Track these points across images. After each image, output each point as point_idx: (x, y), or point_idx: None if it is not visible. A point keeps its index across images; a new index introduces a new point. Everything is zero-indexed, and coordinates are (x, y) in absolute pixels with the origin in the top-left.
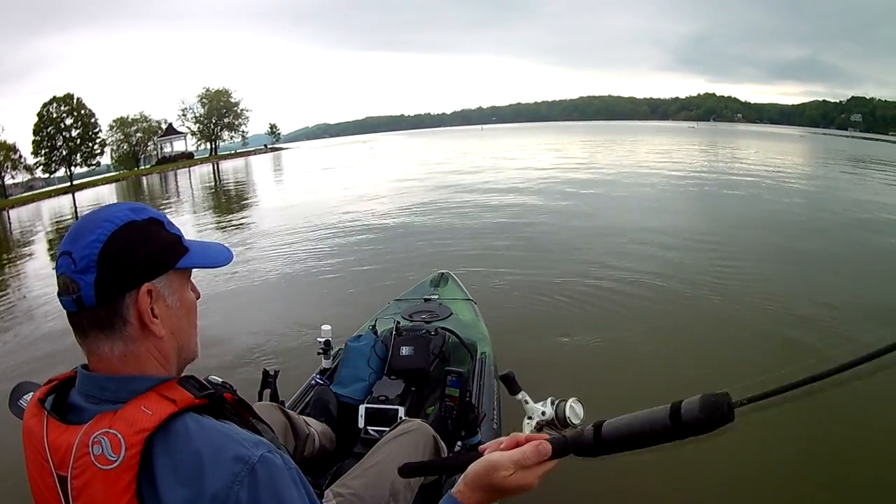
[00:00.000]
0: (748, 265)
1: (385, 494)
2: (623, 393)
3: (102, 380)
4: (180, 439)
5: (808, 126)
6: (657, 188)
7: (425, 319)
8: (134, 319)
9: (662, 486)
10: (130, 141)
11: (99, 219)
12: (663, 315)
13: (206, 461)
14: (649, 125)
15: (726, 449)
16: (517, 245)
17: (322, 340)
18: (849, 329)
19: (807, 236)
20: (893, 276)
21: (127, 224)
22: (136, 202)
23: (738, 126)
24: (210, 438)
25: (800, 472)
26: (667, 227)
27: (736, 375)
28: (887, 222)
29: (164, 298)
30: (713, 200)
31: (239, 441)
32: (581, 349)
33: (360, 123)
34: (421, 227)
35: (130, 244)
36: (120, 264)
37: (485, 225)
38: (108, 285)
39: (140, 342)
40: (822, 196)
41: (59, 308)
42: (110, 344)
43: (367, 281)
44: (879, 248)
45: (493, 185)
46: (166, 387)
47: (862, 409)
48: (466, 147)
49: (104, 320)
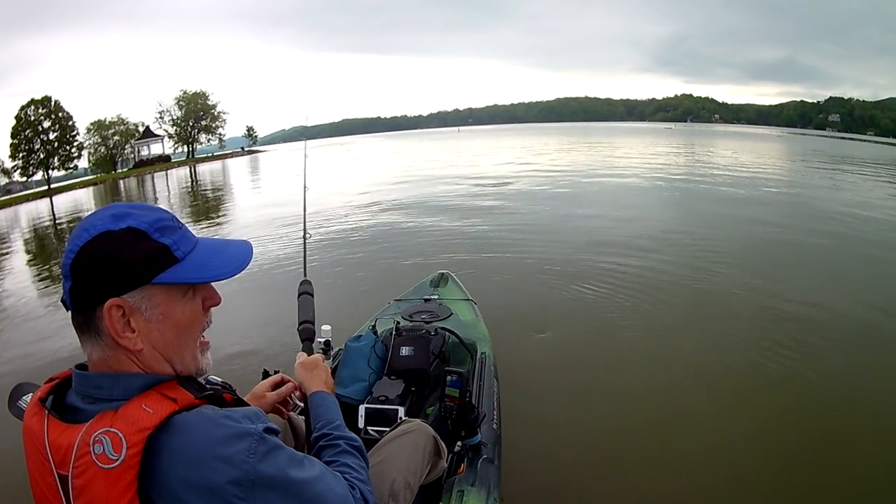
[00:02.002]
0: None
1: (384, 495)
2: (623, 392)
3: (97, 378)
4: (184, 433)
5: (786, 126)
6: (643, 187)
7: (425, 320)
8: (106, 331)
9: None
10: (108, 144)
11: (81, 226)
12: (664, 308)
13: (212, 448)
14: (626, 126)
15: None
16: (514, 243)
17: (322, 340)
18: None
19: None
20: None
21: (101, 234)
22: (130, 205)
23: (715, 127)
24: (208, 425)
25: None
26: (670, 226)
27: (736, 377)
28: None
29: (140, 312)
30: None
31: (237, 419)
32: (581, 349)
33: (337, 126)
34: (419, 227)
35: (99, 257)
36: (89, 276)
37: (482, 225)
38: (79, 295)
39: (116, 351)
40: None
41: (34, 310)
42: (90, 347)
43: (367, 281)
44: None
45: (483, 186)
46: (167, 386)
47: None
48: (446, 148)
49: (84, 326)
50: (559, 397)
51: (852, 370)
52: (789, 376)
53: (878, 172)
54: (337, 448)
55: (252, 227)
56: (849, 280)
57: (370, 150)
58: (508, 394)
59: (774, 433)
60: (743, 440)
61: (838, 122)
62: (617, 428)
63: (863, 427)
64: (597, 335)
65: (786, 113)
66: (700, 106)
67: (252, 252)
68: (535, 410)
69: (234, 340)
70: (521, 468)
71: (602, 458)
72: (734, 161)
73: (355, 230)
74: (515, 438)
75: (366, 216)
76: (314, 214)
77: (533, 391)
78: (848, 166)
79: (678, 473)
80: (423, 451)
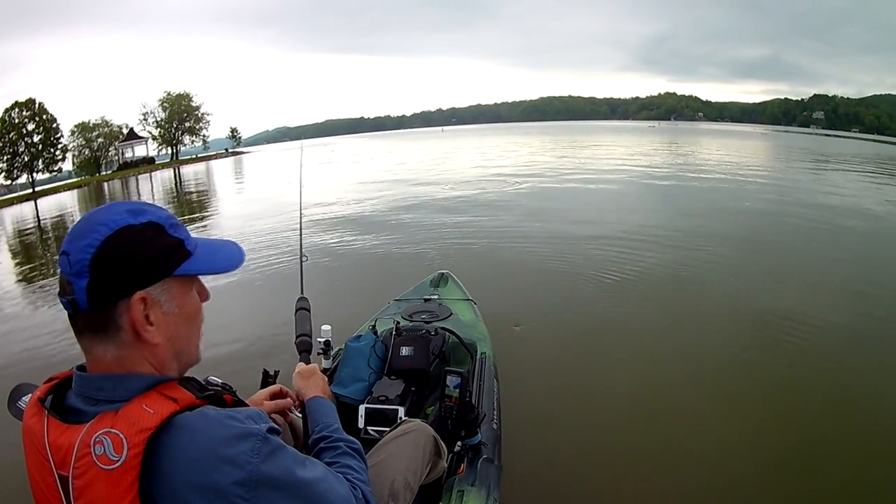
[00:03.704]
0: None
1: (384, 495)
2: (623, 392)
3: (99, 380)
4: (186, 434)
5: (770, 124)
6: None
7: (425, 319)
8: (127, 326)
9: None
10: (92, 146)
11: (95, 221)
12: (664, 308)
13: (216, 448)
14: (609, 125)
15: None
16: (514, 242)
17: (322, 340)
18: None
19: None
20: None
21: (122, 229)
22: (137, 202)
23: (699, 125)
24: (211, 425)
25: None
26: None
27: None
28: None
29: (160, 305)
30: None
31: (240, 419)
32: (582, 349)
33: (320, 126)
34: (419, 227)
35: (123, 250)
36: (112, 271)
37: (482, 225)
38: (100, 291)
39: (134, 348)
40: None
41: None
42: (104, 347)
43: (367, 281)
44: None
45: (467, 185)
46: (168, 387)
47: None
48: (430, 148)
49: (98, 325)
50: (559, 397)
51: (851, 365)
52: (789, 375)
53: (864, 168)
54: (337, 450)
55: (243, 234)
56: (843, 273)
57: (355, 150)
58: (508, 394)
59: (775, 431)
60: (742, 440)
61: (822, 120)
62: (617, 427)
63: (857, 424)
64: (597, 335)
65: (770, 110)
66: (684, 104)
67: (243, 251)
68: (536, 410)
69: (233, 339)
70: (521, 468)
71: (602, 457)
72: (718, 158)
73: (351, 231)
74: (515, 438)
75: (358, 216)
76: (306, 214)
77: (533, 391)
78: (834, 164)
79: (678, 473)
80: (423, 451)
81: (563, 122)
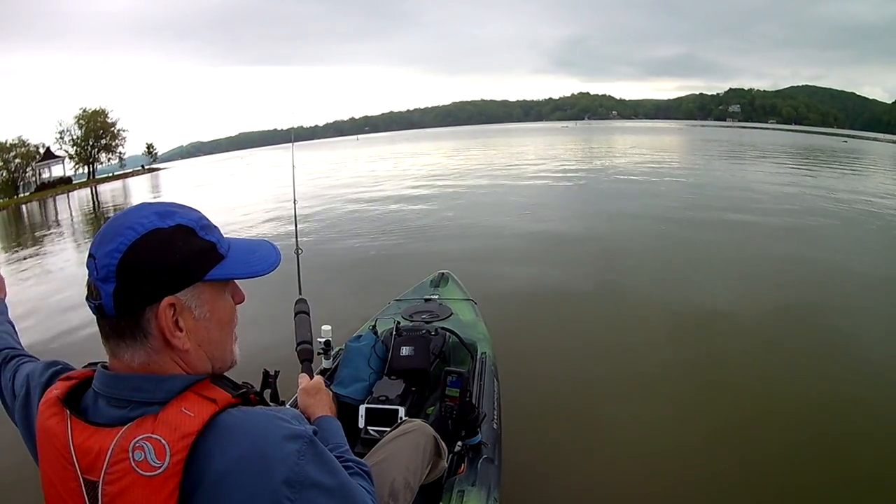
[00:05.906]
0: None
1: (385, 494)
2: (624, 392)
3: (138, 380)
4: (233, 433)
5: (686, 119)
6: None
7: (425, 319)
8: (156, 332)
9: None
10: (9, 167)
11: (122, 225)
12: (665, 307)
13: (266, 447)
14: (520, 127)
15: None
16: (512, 242)
17: (322, 341)
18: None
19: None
20: None
21: (150, 232)
22: (167, 203)
23: (612, 123)
24: (260, 424)
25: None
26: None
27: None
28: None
29: (190, 311)
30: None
31: (287, 419)
32: (582, 349)
33: (234, 140)
34: (418, 227)
35: (152, 255)
36: (140, 276)
37: (481, 225)
38: (127, 297)
39: (163, 354)
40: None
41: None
42: (131, 352)
43: (367, 281)
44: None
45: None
46: (203, 386)
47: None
48: (362, 155)
49: (124, 330)
50: (559, 397)
51: (844, 365)
52: (788, 372)
53: (779, 157)
54: (350, 469)
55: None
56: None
57: (271, 161)
58: (509, 394)
59: (776, 429)
60: (743, 439)
61: (739, 113)
62: (617, 427)
63: (849, 424)
64: (598, 335)
65: (685, 106)
66: (598, 103)
67: (278, 250)
68: (536, 410)
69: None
70: (521, 468)
71: (602, 457)
72: (634, 154)
73: (349, 230)
74: (515, 438)
75: (345, 215)
76: (298, 216)
77: (533, 391)
78: (753, 152)
79: (678, 472)
80: (424, 451)
81: (476, 125)
